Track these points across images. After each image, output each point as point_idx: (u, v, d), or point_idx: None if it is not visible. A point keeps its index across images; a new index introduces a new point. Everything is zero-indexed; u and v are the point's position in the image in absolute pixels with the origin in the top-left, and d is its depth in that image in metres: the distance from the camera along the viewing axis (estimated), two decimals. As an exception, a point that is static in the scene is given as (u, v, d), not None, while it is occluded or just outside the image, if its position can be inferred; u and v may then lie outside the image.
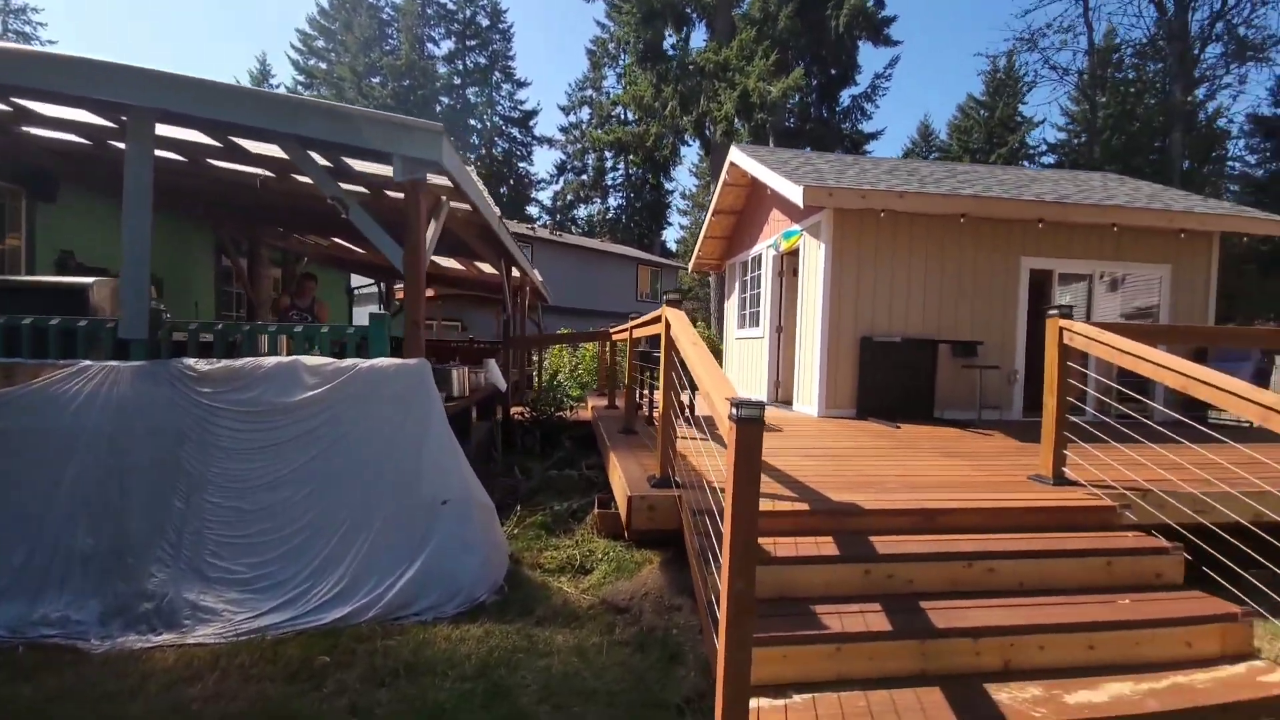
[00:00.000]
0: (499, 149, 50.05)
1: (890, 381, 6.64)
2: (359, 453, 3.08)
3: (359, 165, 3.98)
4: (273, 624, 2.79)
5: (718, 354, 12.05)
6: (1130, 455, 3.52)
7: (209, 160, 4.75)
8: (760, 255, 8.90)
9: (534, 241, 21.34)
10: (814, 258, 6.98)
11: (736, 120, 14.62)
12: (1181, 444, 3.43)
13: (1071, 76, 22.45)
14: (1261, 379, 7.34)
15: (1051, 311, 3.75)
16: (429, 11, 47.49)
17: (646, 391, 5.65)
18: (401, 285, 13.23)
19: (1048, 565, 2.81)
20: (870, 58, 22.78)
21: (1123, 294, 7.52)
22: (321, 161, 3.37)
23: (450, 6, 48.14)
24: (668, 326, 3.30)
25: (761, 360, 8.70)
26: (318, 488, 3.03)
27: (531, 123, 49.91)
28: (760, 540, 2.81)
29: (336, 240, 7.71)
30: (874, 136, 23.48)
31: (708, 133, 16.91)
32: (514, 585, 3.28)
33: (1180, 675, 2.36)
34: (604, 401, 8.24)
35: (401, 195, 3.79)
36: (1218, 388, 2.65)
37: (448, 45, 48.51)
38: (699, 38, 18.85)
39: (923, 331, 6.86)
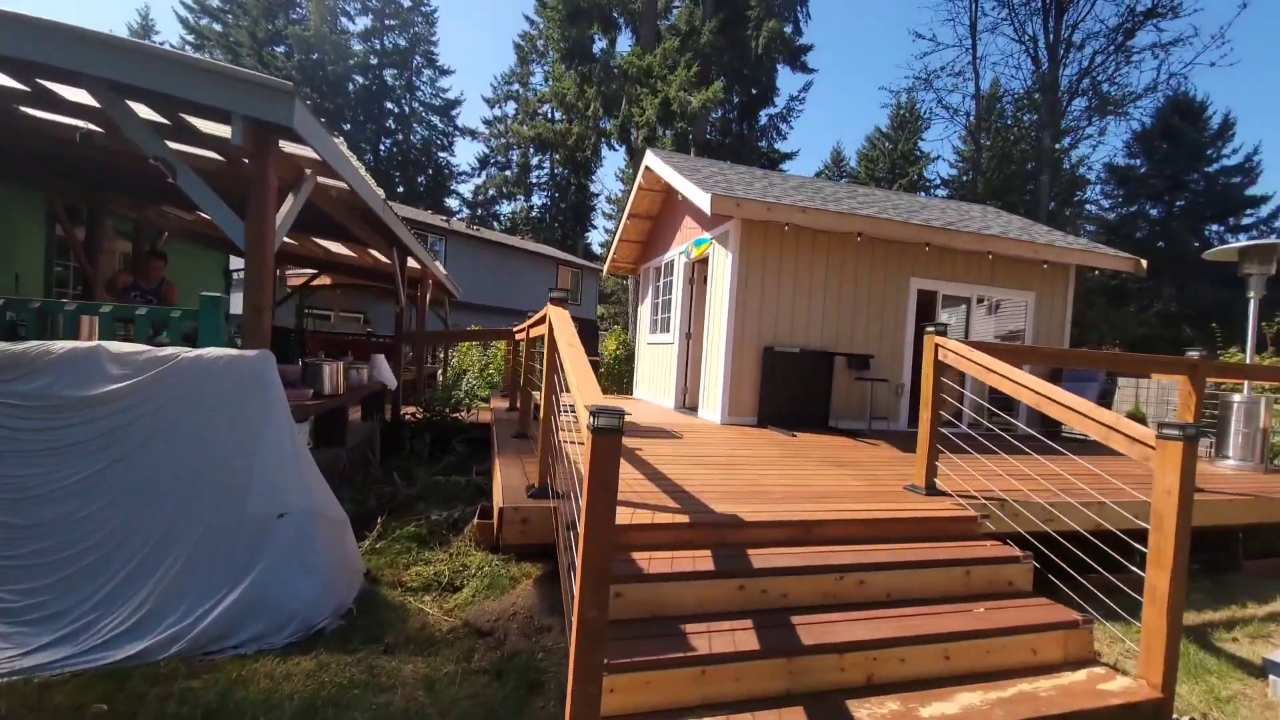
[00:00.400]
0: (418, 136, 47.73)
1: (790, 391, 6.79)
2: (174, 458, 2.61)
3: (209, 127, 3.46)
4: (43, 663, 2.28)
5: (633, 359, 11.96)
6: (991, 467, 3.72)
7: (22, 109, 4.00)
8: (673, 261, 8.89)
9: (448, 235, 20.40)
10: (722, 266, 7.03)
11: (659, 127, 14.72)
12: (1035, 457, 3.64)
13: (961, 117, 24.64)
14: (1105, 399, 8.21)
15: (929, 329, 3.90)
16: (344, -17, 44.51)
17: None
18: (295, 270, 12.08)
19: (914, 576, 2.86)
20: (789, 81, 23.80)
21: (998, 318, 8.18)
22: (150, 116, 2.86)
23: (367, -19, 45.39)
24: (550, 326, 3.09)
25: (671, 366, 8.68)
26: (116, 499, 2.53)
27: (454, 112, 48.04)
28: (636, 555, 2.66)
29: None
30: (790, 157, 24.56)
31: (631, 138, 16.94)
32: (366, 608, 2.92)
33: (1026, 683, 2.44)
34: (506, 403, 7.87)
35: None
36: (1066, 406, 2.81)
37: (364, 22, 45.71)
38: (624, 42, 18.92)
39: (821, 343, 7.09)
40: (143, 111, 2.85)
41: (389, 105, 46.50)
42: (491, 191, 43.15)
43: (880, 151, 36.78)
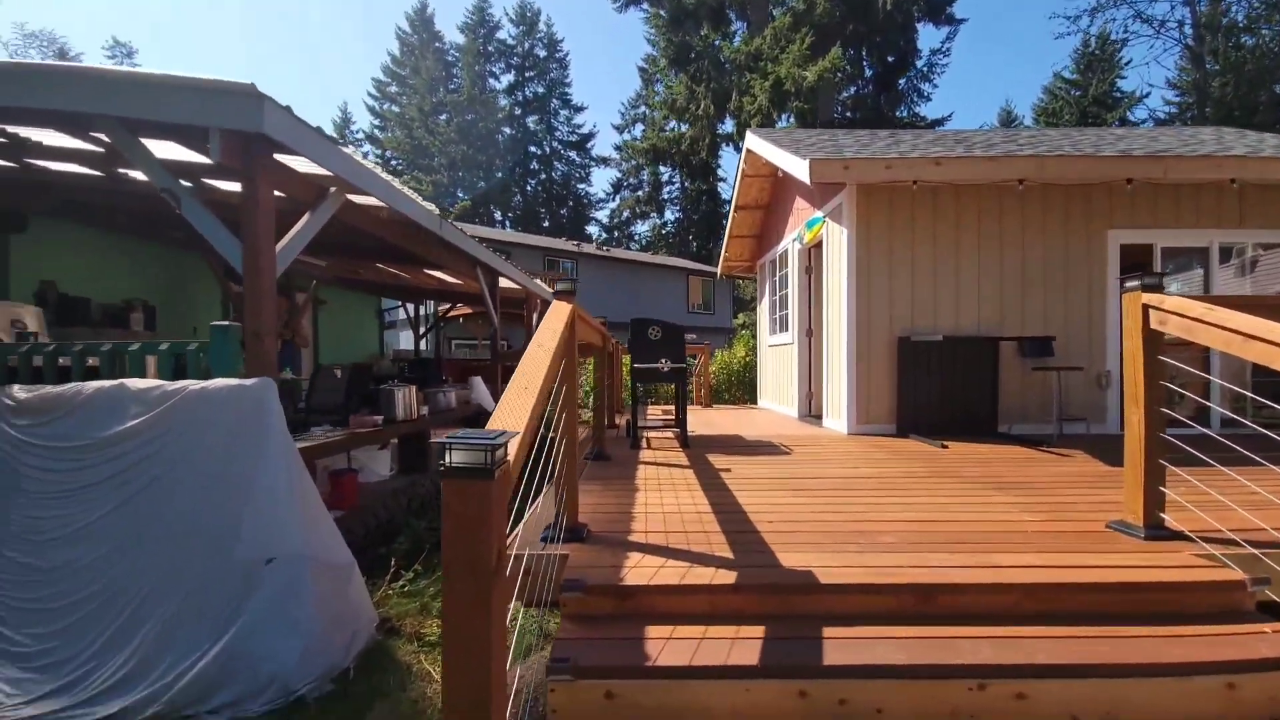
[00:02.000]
0: (558, 173, 51.18)
1: (937, 390, 5.41)
2: (175, 499, 2.48)
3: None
4: (42, 714, 2.19)
5: (751, 368, 10.94)
6: (1265, 494, 2.29)
7: (119, 170, 4.44)
8: (786, 251, 7.85)
9: (579, 258, 21.08)
10: (837, 246, 5.89)
11: (773, 111, 13.59)
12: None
13: (1171, 31, 19.40)
14: None
15: (1131, 284, 2.59)
16: (489, 48, 49.63)
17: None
18: (453, 305, 13.13)
19: (1124, 690, 1.70)
20: (930, 37, 20.75)
21: (1256, 277, 5.83)
22: (159, 150, 2.86)
23: (509, 41, 50.06)
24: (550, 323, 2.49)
25: (791, 369, 7.60)
26: (120, 543, 2.45)
27: (589, 145, 50.75)
28: (652, 631, 1.91)
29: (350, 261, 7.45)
30: (940, 123, 21.41)
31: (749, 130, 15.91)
32: (370, 665, 2.53)
33: None
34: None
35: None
36: None
37: (507, 79, 50.37)
38: (737, 39, 18.00)
39: (978, 327, 5.57)
40: (156, 147, 2.85)
41: (532, 149, 50.62)
42: (626, 213, 44.43)
43: (1065, 101, 30.79)
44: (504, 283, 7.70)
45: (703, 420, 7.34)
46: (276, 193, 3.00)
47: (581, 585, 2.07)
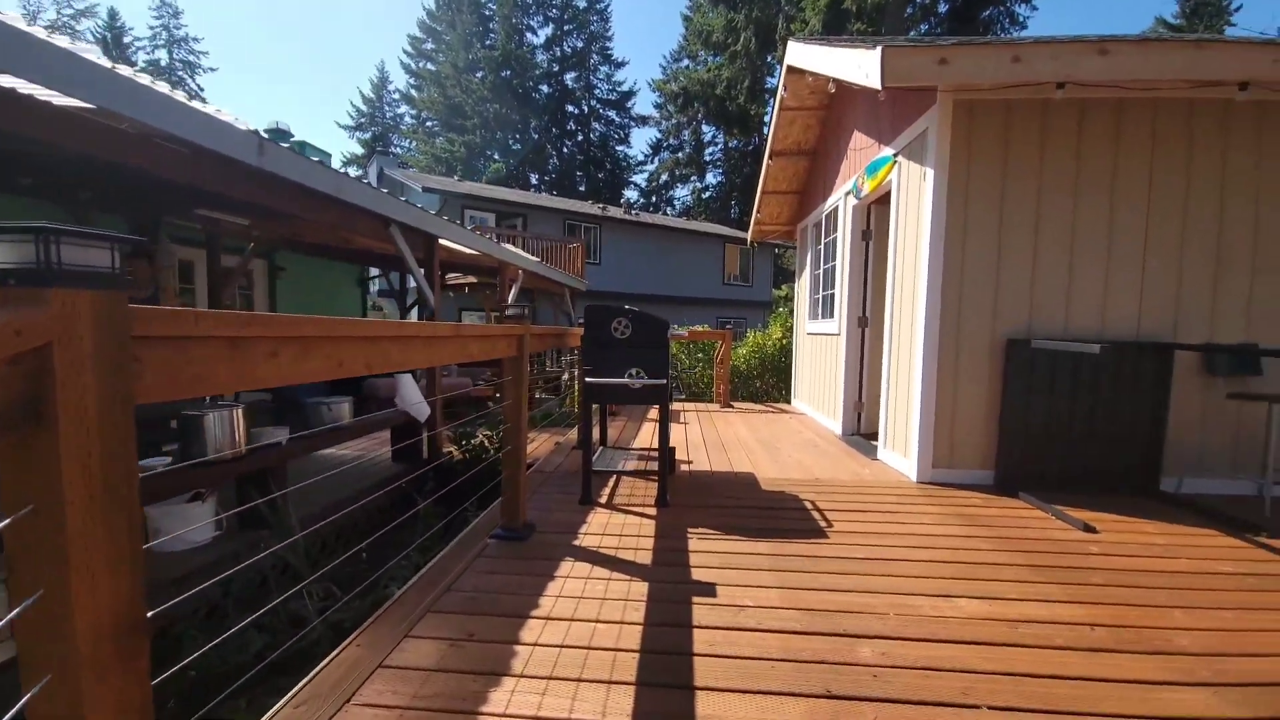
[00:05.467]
0: (596, 133, 48.79)
1: (1065, 422, 3.48)
2: None
3: None
4: None
5: (788, 353, 9.02)
6: None
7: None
8: (836, 210, 5.86)
9: (602, 222, 19.20)
10: (914, 198, 3.93)
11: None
12: None
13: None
14: None
15: None
16: (527, 0, 47.11)
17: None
18: (449, 274, 11.53)
19: None
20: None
21: None
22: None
23: (547, -10, 47.35)
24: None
25: (836, 368, 5.70)
26: None
27: (629, 103, 48.10)
28: None
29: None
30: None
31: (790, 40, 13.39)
32: None
33: None
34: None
35: None
36: None
37: (545, 32, 47.93)
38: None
39: (1138, 329, 3.57)
40: None
41: (570, 108, 48.29)
42: (664, 176, 41.91)
43: None
44: (465, 248, 6.01)
45: (712, 433, 5.56)
46: None
47: None
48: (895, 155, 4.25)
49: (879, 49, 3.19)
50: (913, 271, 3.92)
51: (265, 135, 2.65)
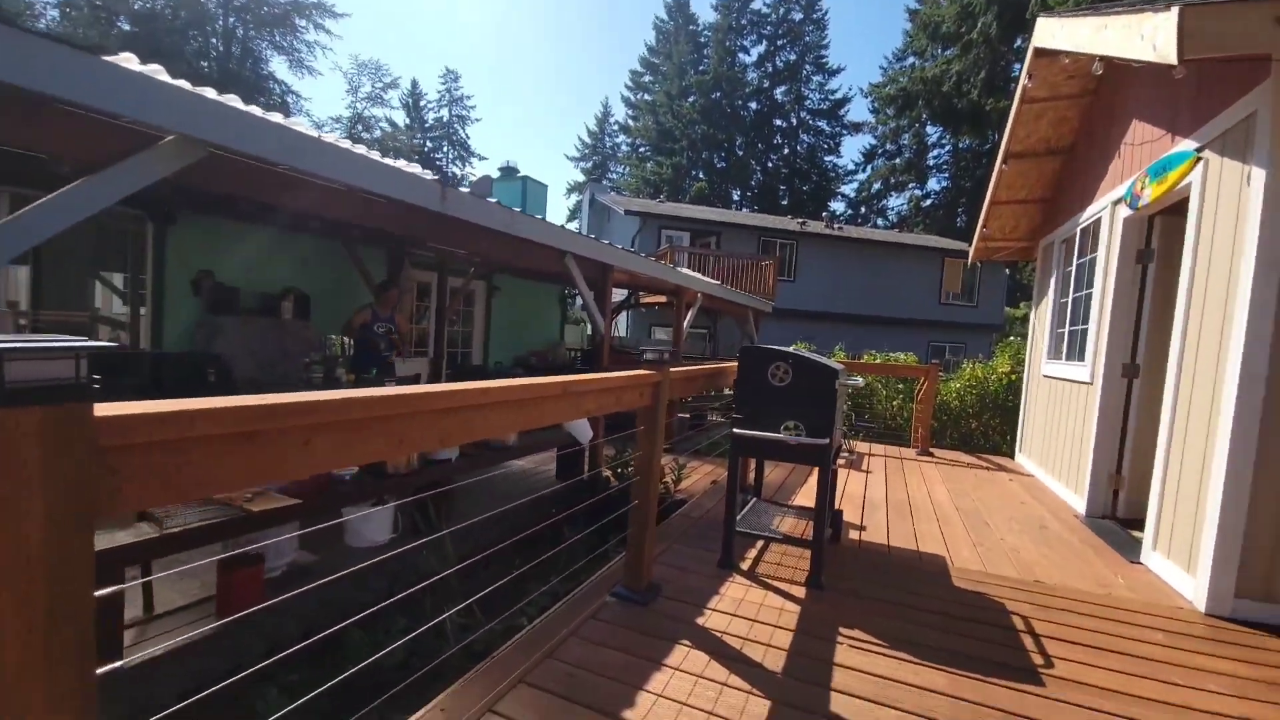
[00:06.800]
0: (803, 145, 47.19)
1: None
2: None
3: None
4: None
5: (1016, 391, 7.39)
6: None
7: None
8: (1099, 221, 4.56)
9: (800, 238, 18.27)
10: (1228, 204, 2.80)
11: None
12: None
13: None
14: None
15: None
16: (742, 21, 47.73)
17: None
18: (650, 295, 12.09)
19: None
20: None
21: None
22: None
23: (763, 10, 47.37)
24: None
25: (1086, 426, 4.42)
26: None
27: (842, 111, 45.63)
28: None
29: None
30: None
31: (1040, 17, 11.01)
32: None
33: None
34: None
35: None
36: None
37: (758, 51, 48.06)
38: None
39: None
40: None
41: (778, 122, 47.51)
42: (877, 185, 38.61)
43: None
44: (645, 270, 6.05)
45: (899, 491, 4.71)
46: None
47: None
48: (1199, 150, 3.09)
49: (1174, 9, 2.29)
50: (1221, 309, 2.77)
51: (444, 181, 2.92)
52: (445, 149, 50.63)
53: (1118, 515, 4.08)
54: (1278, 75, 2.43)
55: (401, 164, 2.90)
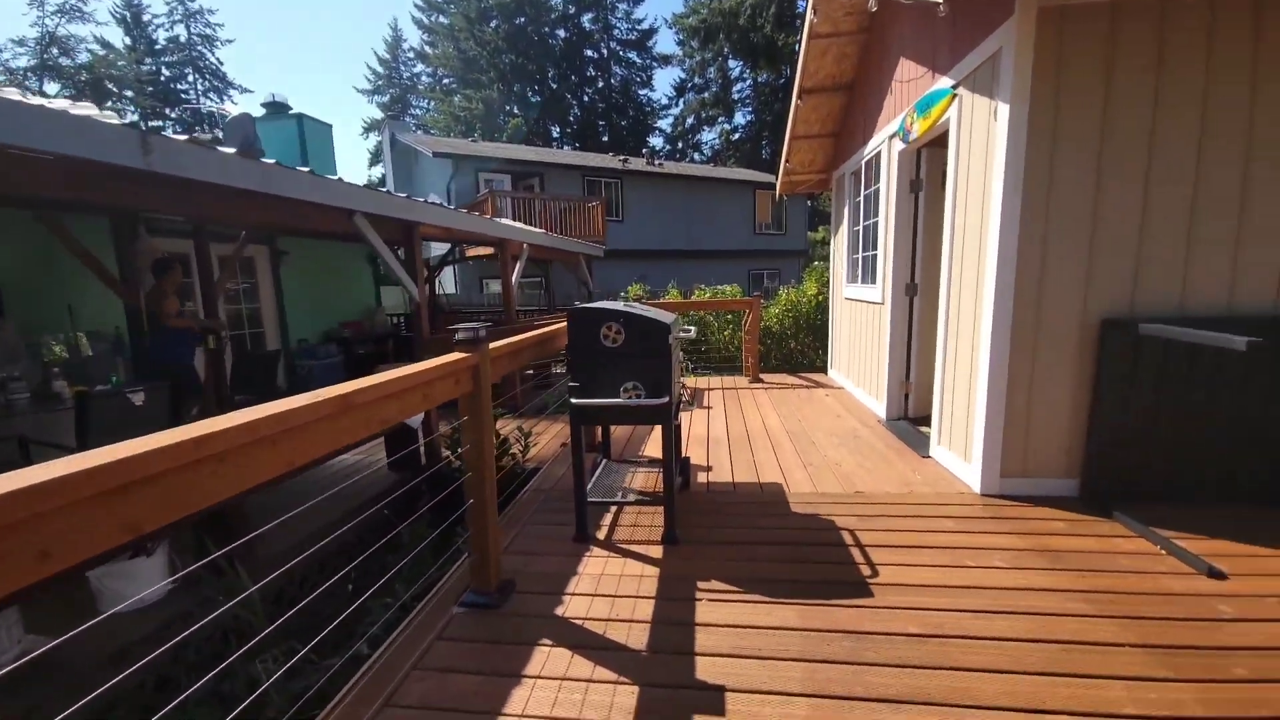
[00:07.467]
0: (617, 78, 46.45)
1: (1175, 421, 2.78)
2: None
3: None
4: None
5: (824, 311, 8.26)
6: None
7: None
8: (879, 154, 5.01)
9: (623, 176, 18.20)
10: (980, 136, 3.14)
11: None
12: None
13: None
14: None
15: None
16: (537, -66, 44.18)
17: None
18: (475, 247, 10.92)
19: None
20: None
21: None
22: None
23: (557, -78, 44.21)
24: None
25: (880, 342, 5.00)
26: None
27: (650, 42, 45.36)
28: None
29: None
30: None
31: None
32: None
33: None
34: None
35: None
36: None
37: (558, -29, 45.10)
38: None
39: (1277, 302, 2.78)
40: None
41: (589, 53, 45.88)
42: (690, 119, 39.77)
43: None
44: (460, 225, 5.43)
45: (737, 423, 5.00)
46: None
47: None
48: (955, 87, 3.41)
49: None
50: (977, 232, 3.17)
51: (146, 129, 2.14)
52: (192, 78, 40.97)
53: (909, 416, 4.75)
54: (1021, 10, 2.70)
55: (71, 105, 2.06)
